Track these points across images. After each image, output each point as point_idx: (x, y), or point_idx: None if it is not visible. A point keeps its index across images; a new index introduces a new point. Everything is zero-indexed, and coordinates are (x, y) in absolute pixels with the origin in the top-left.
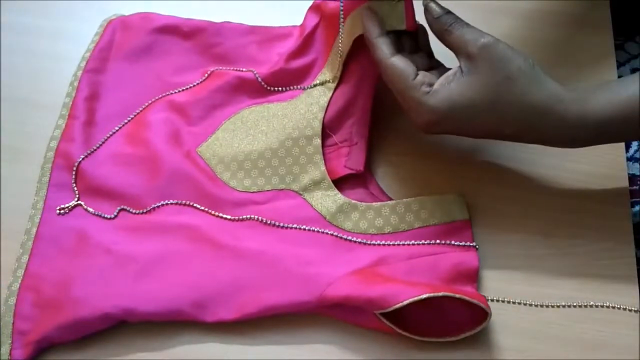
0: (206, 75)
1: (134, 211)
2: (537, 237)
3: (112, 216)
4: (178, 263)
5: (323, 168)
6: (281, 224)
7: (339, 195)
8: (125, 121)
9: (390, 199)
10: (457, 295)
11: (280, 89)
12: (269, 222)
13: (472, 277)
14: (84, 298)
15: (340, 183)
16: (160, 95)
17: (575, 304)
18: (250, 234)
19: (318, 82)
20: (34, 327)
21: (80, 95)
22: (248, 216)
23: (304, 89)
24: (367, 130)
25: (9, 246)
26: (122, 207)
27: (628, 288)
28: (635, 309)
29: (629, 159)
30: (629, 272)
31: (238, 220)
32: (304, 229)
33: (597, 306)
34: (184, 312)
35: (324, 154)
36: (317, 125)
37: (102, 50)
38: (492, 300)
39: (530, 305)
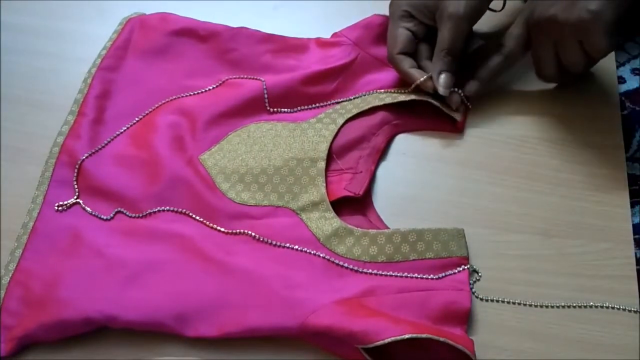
0: (219, 82)
1: (130, 214)
2: (537, 238)
3: (109, 217)
4: (166, 273)
5: (323, 191)
6: (274, 242)
7: (336, 218)
8: (133, 122)
9: (388, 229)
10: (442, 339)
11: (287, 110)
12: (261, 238)
13: (463, 318)
14: (69, 299)
15: (340, 208)
16: (171, 98)
17: (574, 305)
18: (241, 249)
19: (332, 112)
20: (18, 322)
21: (91, 93)
22: (241, 231)
23: (314, 115)
24: (375, 164)
25: (8, 246)
26: (119, 209)
27: (627, 288)
28: (635, 310)
29: (628, 159)
30: (629, 272)
31: (231, 234)
32: (296, 249)
33: (596, 307)
34: (165, 325)
35: (326, 178)
36: (324, 150)
37: (118, 49)
38: (492, 301)
39: (530, 305)
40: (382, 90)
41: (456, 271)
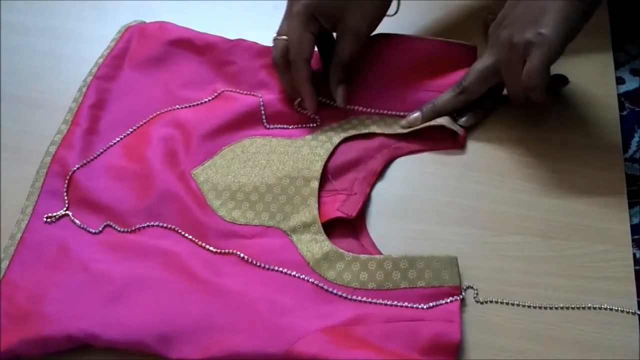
0: (215, 95)
1: (119, 229)
2: (535, 239)
3: (97, 231)
4: (151, 291)
5: (316, 212)
6: (262, 264)
7: (327, 242)
8: (127, 133)
9: (380, 254)
10: None
11: (283, 126)
12: (250, 260)
13: (452, 351)
14: (52, 315)
15: (332, 230)
16: (166, 109)
17: (573, 306)
18: (229, 270)
19: (329, 129)
20: (1, 337)
21: (86, 102)
22: (230, 251)
23: (310, 132)
24: (370, 187)
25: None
26: (108, 222)
27: (626, 290)
28: (633, 311)
29: (628, 160)
30: (627, 274)
31: (220, 253)
32: (285, 273)
33: (594, 308)
34: (148, 345)
35: (319, 198)
36: (318, 169)
37: (115, 58)
38: (491, 302)
39: (528, 306)
40: (384, 113)
41: (447, 301)
